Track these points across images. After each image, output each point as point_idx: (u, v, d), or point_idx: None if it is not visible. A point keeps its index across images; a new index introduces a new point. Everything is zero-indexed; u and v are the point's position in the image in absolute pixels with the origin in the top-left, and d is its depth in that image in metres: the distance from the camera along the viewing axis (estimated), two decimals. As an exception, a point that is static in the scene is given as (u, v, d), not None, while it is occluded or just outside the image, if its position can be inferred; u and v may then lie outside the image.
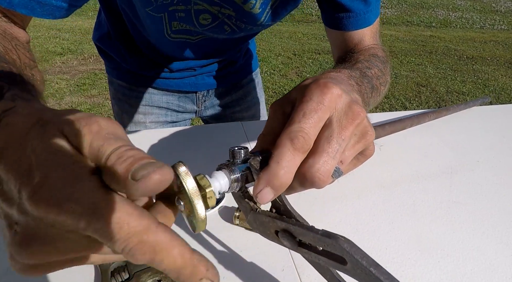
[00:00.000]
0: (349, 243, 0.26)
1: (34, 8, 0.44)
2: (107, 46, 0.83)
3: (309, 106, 0.30)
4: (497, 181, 0.56)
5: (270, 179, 0.28)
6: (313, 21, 5.56)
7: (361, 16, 0.58)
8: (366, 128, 0.32)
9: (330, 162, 0.30)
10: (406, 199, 0.51)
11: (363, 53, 0.55)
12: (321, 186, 0.30)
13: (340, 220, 0.47)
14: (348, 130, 0.31)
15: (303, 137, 0.29)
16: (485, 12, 6.54)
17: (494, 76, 3.66)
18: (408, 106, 2.96)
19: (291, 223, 0.29)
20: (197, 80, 0.86)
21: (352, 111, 0.31)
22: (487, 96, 0.86)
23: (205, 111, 0.93)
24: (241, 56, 0.90)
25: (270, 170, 0.29)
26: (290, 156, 0.29)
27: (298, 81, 3.33)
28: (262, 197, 0.29)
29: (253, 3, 0.59)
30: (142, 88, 0.86)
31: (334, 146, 0.30)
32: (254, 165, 0.30)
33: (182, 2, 0.60)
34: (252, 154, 0.31)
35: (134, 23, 0.70)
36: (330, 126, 0.30)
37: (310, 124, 0.29)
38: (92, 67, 3.51)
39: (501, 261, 0.42)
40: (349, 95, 0.32)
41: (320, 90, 0.31)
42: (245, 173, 0.30)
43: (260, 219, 0.31)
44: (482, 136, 0.68)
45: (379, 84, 0.49)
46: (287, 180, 0.29)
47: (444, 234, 0.45)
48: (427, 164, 0.59)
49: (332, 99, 0.30)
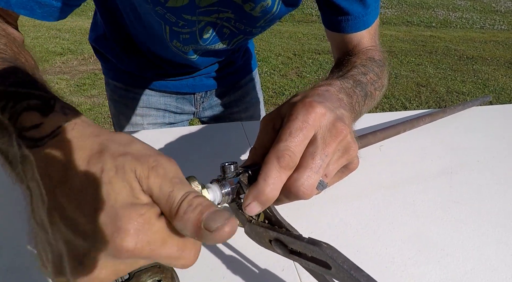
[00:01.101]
0: (331, 249, 0.29)
1: (33, 9, 0.43)
2: (103, 47, 0.82)
3: (295, 125, 0.33)
4: (497, 181, 0.56)
5: (257, 195, 0.31)
6: (313, 21, 5.56)
7: (359, 19, 0.58)
8: (349, 144, 0.35)
9: (313, 176, 0.33)
10: (406, 199, 0.51)
11: (360, 57, 0.56)
12: (306, 198, 0.33)
13: (340, 220, 0.47)
14: (331, 146, 0.34)
15: (289, 155, 0.32)
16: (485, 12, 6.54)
17: (494, 76, 3.66)
18: (408, 106, 2.96)
19: (282, 232, 0.32)
20: (195, 82, 0.85)
21: (336, 128, 0.34)
22: (487, 95, 0.85)
23: (203, 112, 0.92)
24: (240, 56, 0.89)
25: (257, 186, 0.31)
26: (277, 173, 0.32)
27: (298, 81, 3.33)
28: (250, 210, 0.32)
29: (252, 5, 0.58)
30: (139, 90, 0.85)
31: (317, 162, 0.33)
32: (243, 181, 0.33)
33: (188, 25, 0.60)
34: (242, 168, 0.34)
35: (132, 20, 0.69)
36: (314, 142, 0.33)
37: (295, 143, 0.32)
38: (92, 67, 3.51)
39: (501, 261, 0.42)
40: (334, 113, 0.35)
41: (305, 109, 0.33)
42: (235, 186, 0.33)
43: (255, 230, 0.34)
44: (482, 136, 0.68)
45: (374, 89, 0.50)
46: (273, 196, 0.32)
47: (444, 234, 0.45)
48: (427, 164, 0.59)
49: (316, 118, 0.33)
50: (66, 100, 0.29)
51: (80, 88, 3.06)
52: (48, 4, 0.43)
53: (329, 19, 0.61)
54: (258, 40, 4.26)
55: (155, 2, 0.54)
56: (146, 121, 0.87)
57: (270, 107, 2.81)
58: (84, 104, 2.80)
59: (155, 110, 0.87)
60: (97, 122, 2.60)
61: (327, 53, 4.05)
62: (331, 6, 0.58)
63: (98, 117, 2.65)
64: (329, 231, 0.45)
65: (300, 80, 3.35)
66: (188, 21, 0.59)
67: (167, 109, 0.88)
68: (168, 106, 0.87)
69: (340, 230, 0.45)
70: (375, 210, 0.49)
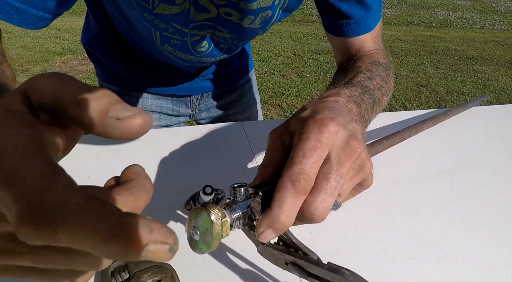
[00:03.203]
0: (355, 277, 0.28)
1: (9, 14, 0.40)
2: (96, 48, 0.80)
3: (308, 145, 0.31)
4: (497, 181, 0.56)
5: (272, 223, 0.29)
6: (313, 21, 5.56)
7: (361, 23, 0.57)
8: (363, 162, 0.33)
9: (328, 199, 0.31)
10: (406, 199, 0.51)
11: (365, 61, 0.55)
12: (319, 222, 0.31)
13: (340, 220, 0.47)
14: (345, 166, 0.32)
15: (304, 179, 0.30)
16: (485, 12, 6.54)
17: (494, 76, 3.66)
18: (408, 106, 2.96)
19: (298, 256, 0.31)
20: (191, 84, 0.84)
21: (350, 147, 0.32)
22: (485, 95, 0.85)
23: (199, 114, 0.91)
24: (237, 58, 0.88)
25: (272, 214, 0.29)
26: (292, 199, 0.30)
27: (298, 81, 3.32)
28: (264, 238, 0.30)
29: (252, 18, 0.57)
30: (134, 93, 0.84)
31: (332, 183, 0.31)
32: (254, 207, 0.31)
33: (178, 33, 0.58)
34: (252, 189, 0.32)
35: (122, 24, 0.68)
36: (328, 162, 0.31)
37: (310, 165, 0.30)
38: (92, 67, 3.49)
39: (501, 261, 0.42)
40: (347, 129, 0.33)
41: (317, 127, 0.32)
42: (247, 211, 0.31)
43: (270, 252, 0.32)
44: (482, 136, 0.68)
45: (381, 94, 0.49)
46: (288, 223, 0.30)
47: (444, 234, 0.45)
48: (427, 164, 0.59)
49: (330, 137, 0.31)
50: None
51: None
52: (28, 11, 0.41)
53: (330, 23, 0.60)
54: (258, 40, 4.26)
55: (142, 9, 0.53)
56: None
57: (270, 107, 2.81)
58: (84, 104, 2.79)
59: (150, 113, 0.84)
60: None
61: (327, 53, 4.05)
62: (331, 10, 0.57)
63: (98, 117, 2.65)
64: (329, 231, 0.45)
65: (300, 80, 3.35)
66: (178, 30, 0.58)
67: (162, 111, 0.87)
68: (163, 108, 0.86)
69: (340, 230, 0.45)
70: (375, 210, 0.49)
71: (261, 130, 0.67)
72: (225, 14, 0.56)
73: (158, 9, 0.52)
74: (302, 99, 2.94)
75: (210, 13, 0.55)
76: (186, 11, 0.53)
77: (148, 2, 0.51)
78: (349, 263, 0.41)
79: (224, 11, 0.55)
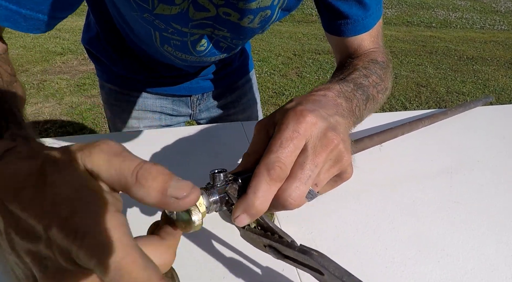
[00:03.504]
0: (322, 257, 0.30)
1: (17, 22, 0.41)
2: (96, 49, 0.80)
3: (285, 135, 0.32)
4: (497, 181, 0.56)
5: (247, 208, 0.31)
6: (313, 21, 5.56)
7: (359, 23, 0.57)
8: (341, 153, 0.34)
9: (301, 187, 0.32)
10: (406, 199, 0.51)
11: (362, 59, 0.55)
12: (293, 208, 0.33)
13: (340, 220, 0.47)
14: (321, 156, 0.33)
15: (280, 167, 0.31)
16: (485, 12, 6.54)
17: (494, 76, 3.66)
18: (408, 106, 2.96)
19: (274, 240, 0.32)
20: (192, 84, 0.84)
21: (327, 138, 0.33)
22: (489, 96, 0.85)
23: (200, 114, 0.91)
24: (237, 57, 0.88)
25: (247, 199, 0.31)
26: (267, 186, 0.31)
27: (298, 81, 3.33)
28: (239, 222, 0.32)
29: (251, 18, 0.57)
30: (134, 92, 0.84)
31: (306, 172, 0.32)
32: (231, 193, 0.32)
33: (178, 34, 0.58)
34: (233, 175, 0.34)
35: (122, 25, 0.68)
36: (305, 152, 0.33)
37: (286, 154, 0.32)
38: (92, 67, 3.49)
39: (501, 261, 0.42)
40: (327, 121, 0.34)
41: (296, 118, 0.33)
42: (224, 196, 0.32)
43: (249, 236, 0.34)
44: (482, 136, 0.68)
45: (377, 92, 0.50)
46: (262, 209, 0.31)
47: (444, 234, 0.45)
48: (427, 164, 0.59)
49: (307, 128, 0.33)
50: (66, 100, 0.31)
51: (80, 88, 3.06)
52: (34, 17, 0.42)
53: (329, 23, 0.60)
54: (258, 40, 4.26)
55: (142, 9, 0.53)
56: (142, 124, 0.86)
57: (270, 107, 2.81)
58: (84, 104, 2.80)
59: (151, 113, 0.86)
60: (97, 122, 2.60)
61: (327, 53, 4.05)
62: (330, 10, 0.58)
63: (98, 117, 2.65)
64: (329, 231, 0.45)
65: (300, 80, 3.35)
66: (178, 30, 0.58)
67: (163, 111, 0.87)
68: (164, 108, 0.86)
69: (340, 230, 0.45)
70: (375, 210, 0.49)
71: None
72: (224, 14, 0.56)
73: (158, 9, 0.52)
74: (302, 99, 2.94)
75: (209, 12, 0.55)
76: (185, 10, 0.53)
77: (148, 3, 0.51)
78: (349, 263, 0.41)
79: (223, 11, 0.55)
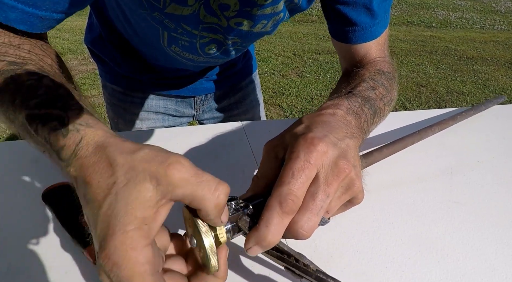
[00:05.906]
0: None
1: (34, 24, 0.41)
2: (99, 49, 0.80)
3: (297, 165, 0.32)
4: (497, 181, 0.56)
5: (259, 241, 0.31)
6: (313, 21, 5.56)
7: (367, 30, 0.57)
8: (352, 181, 0.34)
9: (313, 218, 0.32)
10: (406, 199, 0.51)
11: (369, 69, 0.54)
12: (305, 239, 0.32)
13: (340, 220, 0.47)
14: (333, 186, 0.33)
15: (292, 200, 0.31)
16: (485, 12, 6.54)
17: (494, 76, 3.66)
18: (408, 106, 2.96)
19: (290, 264, 0.33)
20: (195, 85, 0.84)
21: (338, 167, 0.33)
22: (502, 96, 0.82)
23: (203, 115, 0.91)
24: (241, 58, 0.88)
25: (259, 232, 0.31)
26: (279, 219, 0.31)
27: (298, 81, 3.32)
28: (251, 253, 0.32)
29: (264, 23, 0.57)
30: (137, 93, 0.83)
31: (318, 203, 0.32)
32: (242, 227, 0.32)
33: (187, 35, 0.58)
34: (243, 201, 0.33)
35: (124, 26, 0.67)
36: (316, 182, 0.33)
37: (298, 185, 0.31)
38: (92, 67, 3.51)
39: (501, 261, 0.42)
40: (337, 148, 0.34)
41: (307, 147, 0.33)
42: (234, 225, 0.33)
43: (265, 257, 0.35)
44: (482, 136, 0.68)
45: (383, 104, 0.49)
46: (275, 241, 0.31)
47: (444, 234, 0.45)
48: (427, 164, 0.59)
49: (318, 157, 0.32)
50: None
51: (80, 88, 3.06)
52: (50, 17, 0.42)
53: (336, 29, 0.59)
54: (258, 40, 4.25)
55: (153, 8, 0.52)
56: (145, 124, 0.86)
57: (270, 107, 2.81)
58: (84, 104, 2.79)
59: (154, 114, 0.86)
60: (97, 122, 2.59)
61: (327, 53, 4.05)
62: (338, 16, 0.57)
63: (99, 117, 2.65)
64: (329, 232, 0.45)
65: (300, 80, 3.35)
66: (188, 31, 0.57)
67: (166, 112, 0.86)
68: (167, 109, 0.86)
69: (340, 230, 0.45)
70: (375, 210, 0.49)
71: (261, 130, 0.67)
72: (235, 24, 0.56)
73: (169, 9, 0.52)
74: (302, 99, 2.94)
75: (220, 22, 0.55)
76: (197, 12, 0.53)
77: (160, 1, 0.51)
78: (349, 263, 0.41)
79: (235, 22, 0.55)
